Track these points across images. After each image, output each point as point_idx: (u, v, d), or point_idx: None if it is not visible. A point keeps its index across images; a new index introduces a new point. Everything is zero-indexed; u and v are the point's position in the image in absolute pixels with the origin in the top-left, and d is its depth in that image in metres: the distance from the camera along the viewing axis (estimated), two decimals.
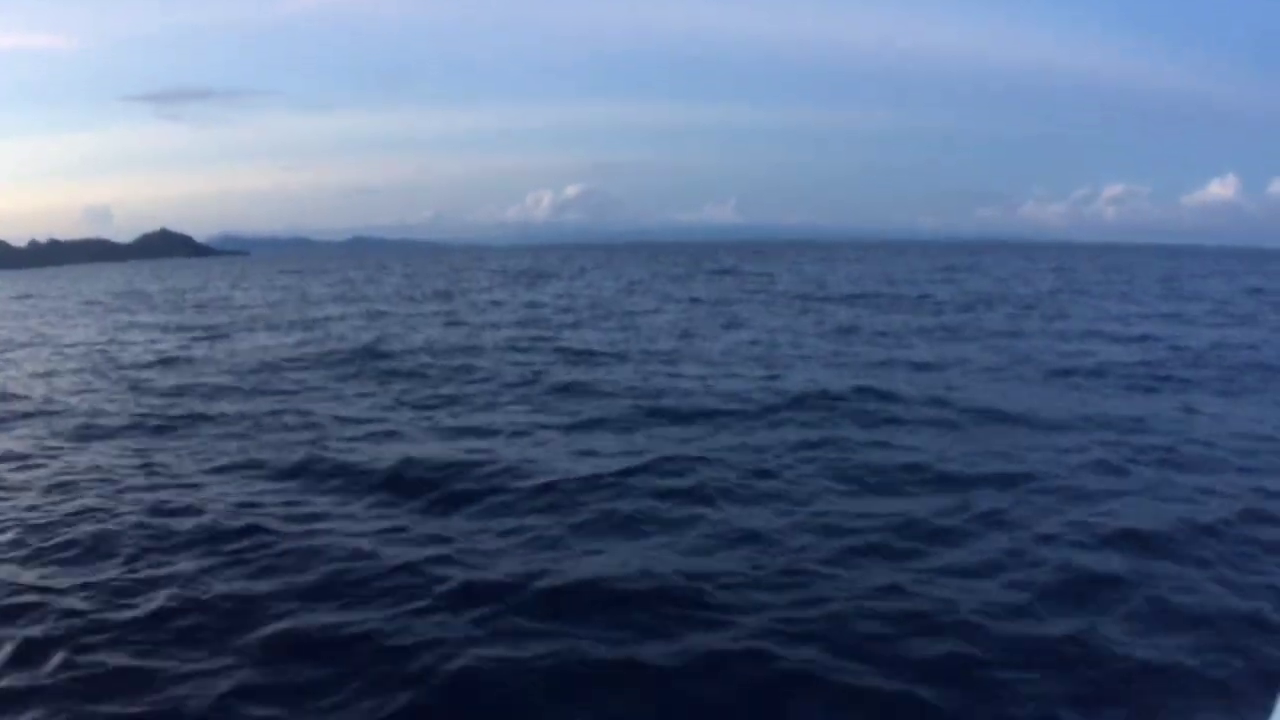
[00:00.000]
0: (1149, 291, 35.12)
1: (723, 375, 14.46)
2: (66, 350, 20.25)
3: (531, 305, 29.81)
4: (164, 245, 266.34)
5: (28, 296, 46.78)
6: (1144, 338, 19.41)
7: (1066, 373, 14.54)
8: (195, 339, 21.74)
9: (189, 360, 17.56)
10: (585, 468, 8.67)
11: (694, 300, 30.96)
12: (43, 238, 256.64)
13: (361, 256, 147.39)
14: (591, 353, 17.16)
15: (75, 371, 16.66)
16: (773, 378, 13.99)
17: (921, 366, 15.22)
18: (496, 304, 31.32)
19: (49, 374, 16.44)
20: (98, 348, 20.38)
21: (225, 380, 14.90)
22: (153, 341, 21.56)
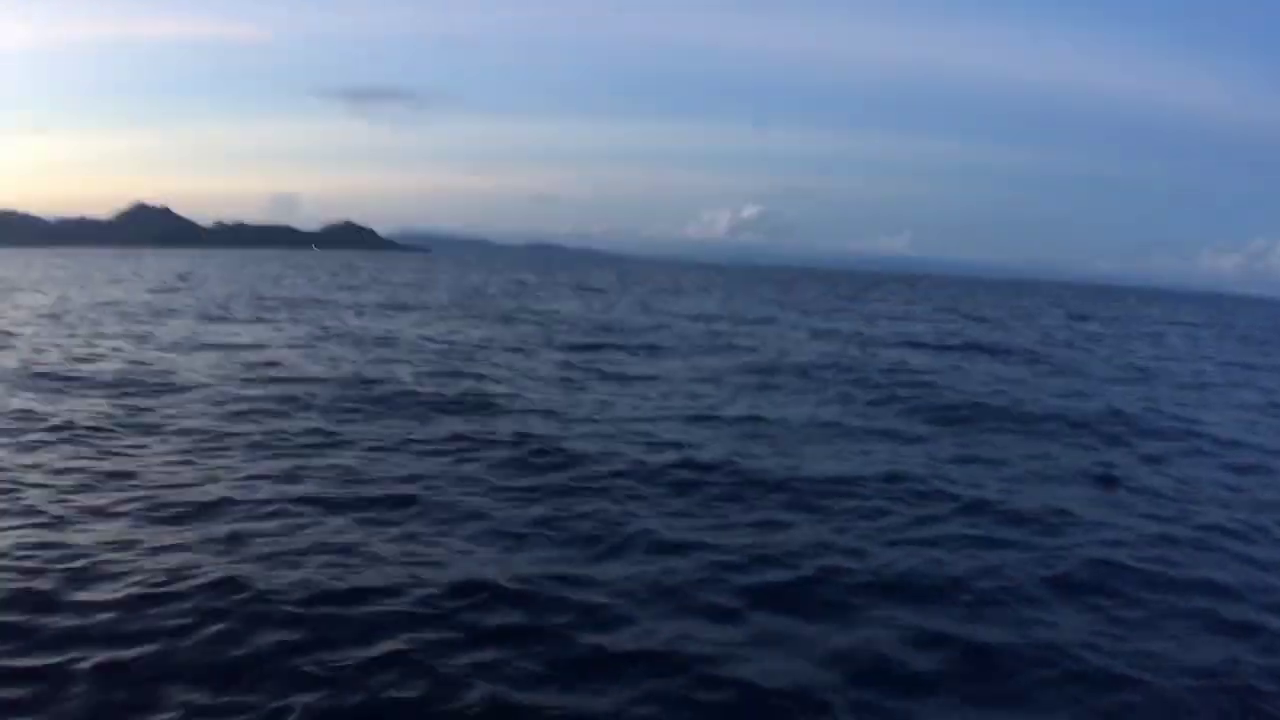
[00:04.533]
0: None
1: None
2: None
3: None
4: (348, 236, 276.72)
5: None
6: None
7: None
8: None
9: None
10: None
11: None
12: (230, 220, 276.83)
13: (542, 262, 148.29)
14: None
15: None
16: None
17: None
18: None
19: None
20: None
21: None
22: None
